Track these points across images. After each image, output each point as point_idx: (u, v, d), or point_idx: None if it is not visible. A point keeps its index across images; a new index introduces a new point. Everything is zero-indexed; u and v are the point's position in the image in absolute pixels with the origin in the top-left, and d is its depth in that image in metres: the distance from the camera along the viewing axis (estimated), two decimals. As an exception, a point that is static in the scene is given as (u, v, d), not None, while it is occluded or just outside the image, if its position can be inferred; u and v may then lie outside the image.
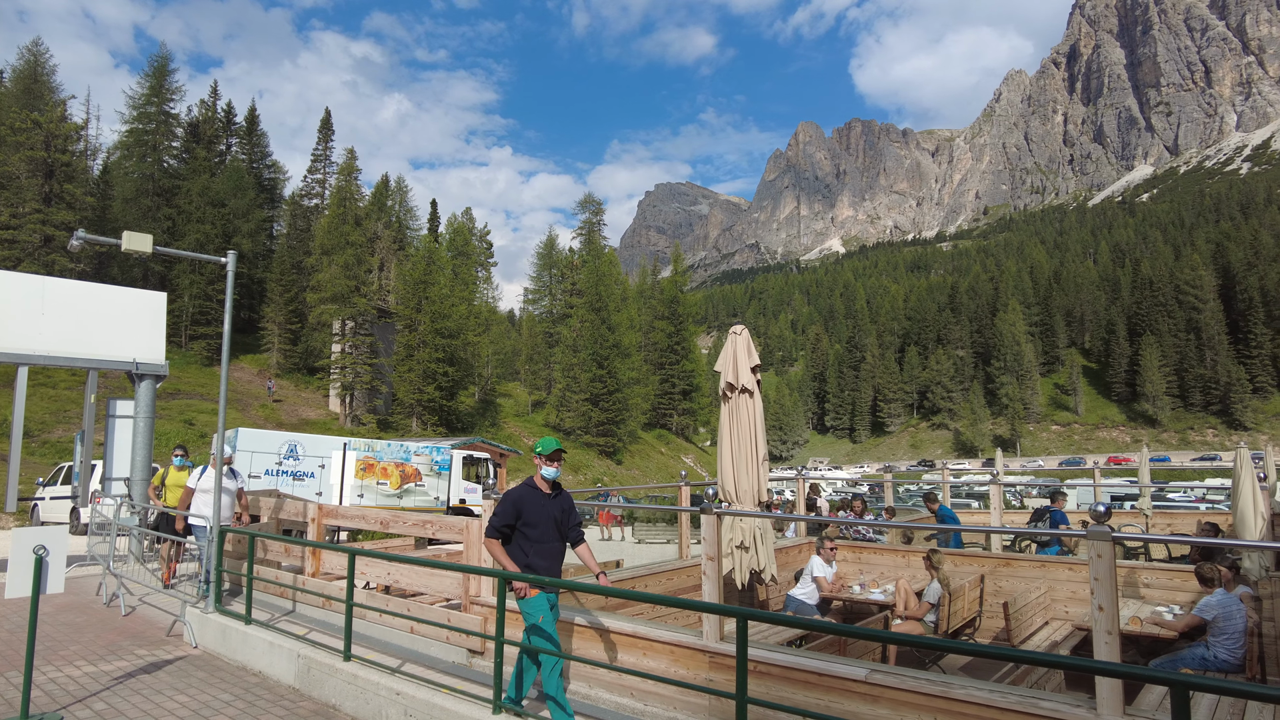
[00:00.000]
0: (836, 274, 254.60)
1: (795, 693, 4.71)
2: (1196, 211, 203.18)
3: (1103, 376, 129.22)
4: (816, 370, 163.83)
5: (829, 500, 22.24)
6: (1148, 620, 7.17)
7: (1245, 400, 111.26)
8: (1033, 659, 3.35)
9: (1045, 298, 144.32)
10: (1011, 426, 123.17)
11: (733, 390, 8.16)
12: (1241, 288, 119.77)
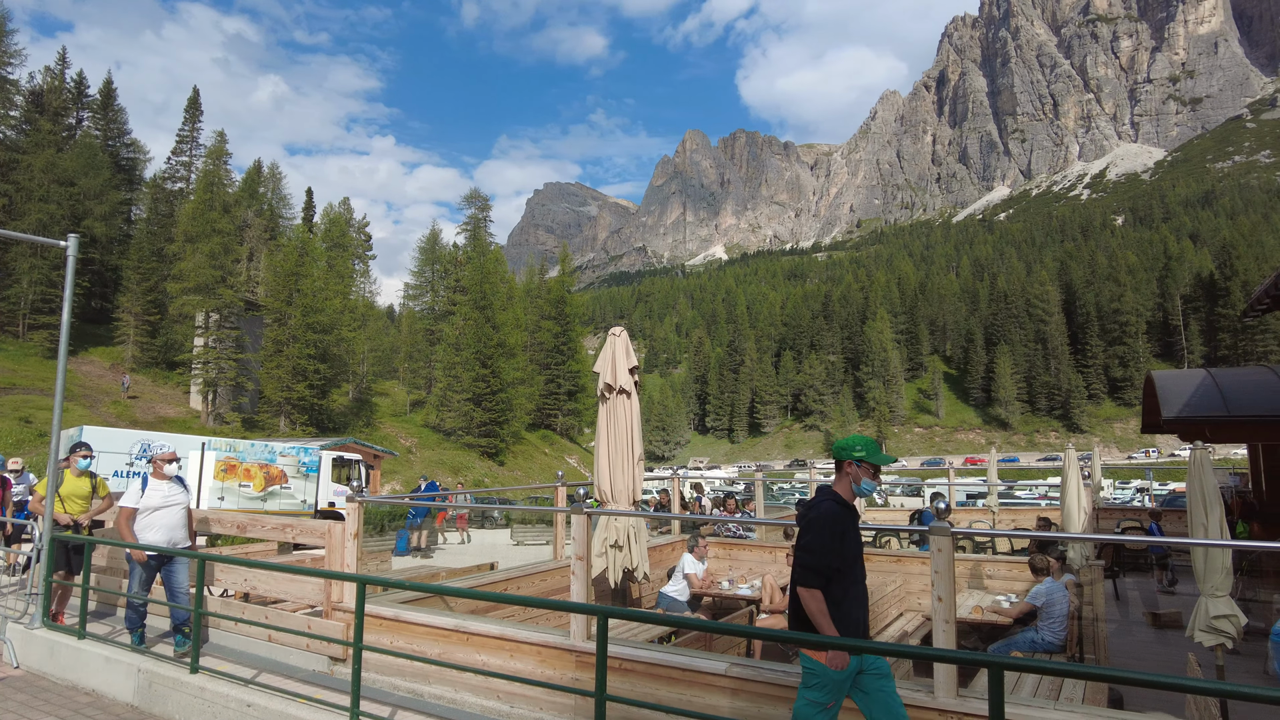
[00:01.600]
0: (719, 280, 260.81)
1: (660, 688, 4.81)
2: (1045, 231, 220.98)
3: (962, 382, 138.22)
4: (699, 372, 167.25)
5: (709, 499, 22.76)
6: (988, 609, 7.75)
7: (1082, 406, 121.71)
8: (873, 648, 3.56)
9: (911, 308, 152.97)
10: (878, 428, 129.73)
11: (611, 391, 8.25)
12: (1081, 303, 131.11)
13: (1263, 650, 7.62)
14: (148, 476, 7.17)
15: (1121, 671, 3.06)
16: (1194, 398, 7.65)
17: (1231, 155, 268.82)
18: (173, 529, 7.08)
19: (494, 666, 5.41)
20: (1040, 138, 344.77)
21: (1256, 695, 2.58)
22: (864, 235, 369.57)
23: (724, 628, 5.63)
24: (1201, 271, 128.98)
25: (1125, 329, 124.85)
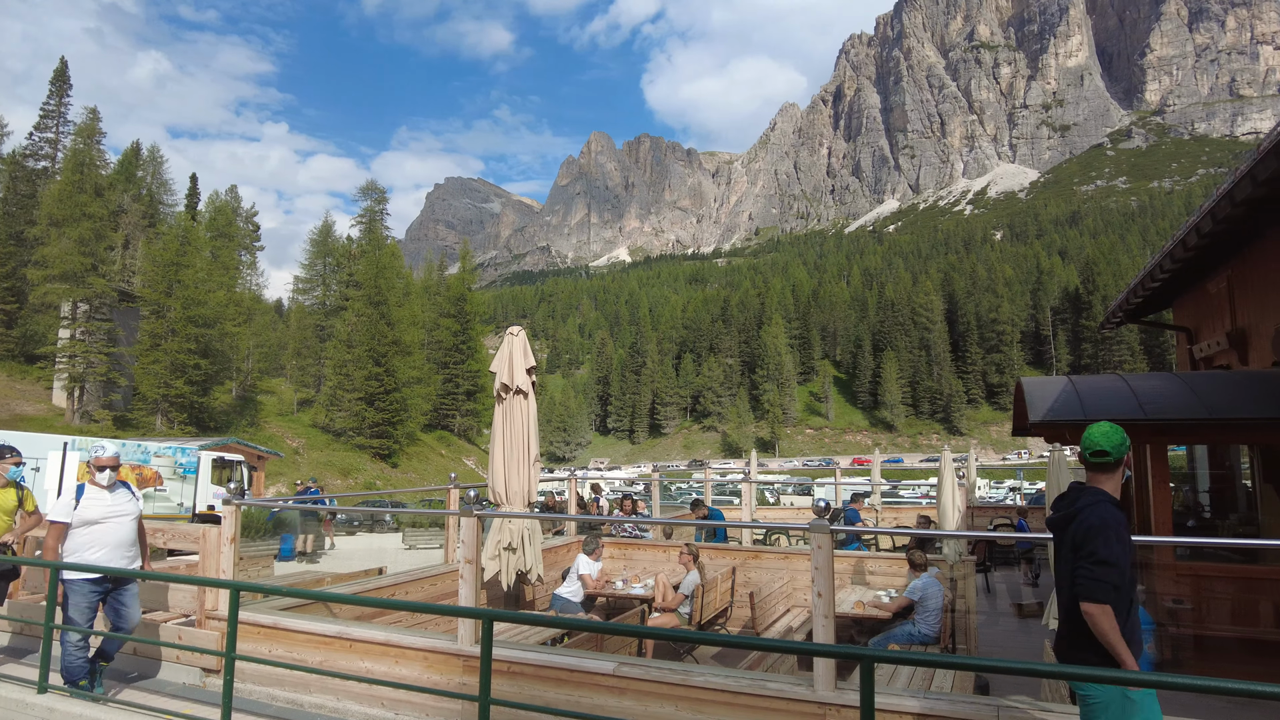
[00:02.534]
0: (623, 282, 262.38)
1: (548, 690, 4.80)
2: (931, 244, 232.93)
3: (851, 386, 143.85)
4: (601, 373, 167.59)
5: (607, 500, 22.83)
6: (870, 603, 8.09)
7: (962, 410, 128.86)
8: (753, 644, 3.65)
9: (805, 314, 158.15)
10: (772, 430, 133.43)
11: (508, 391, 8.17)
12: (962, 312, 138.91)
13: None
14: (84, 485, 5.97)
15: (978, 660, 3.27)
16: (1056, 403, 8.21)
17: (1094, 179, 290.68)
18: (120, 546, 5.86)
19: (379, 673, 5.27)
20: (928, 154, 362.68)
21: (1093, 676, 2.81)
22: (762, 243, 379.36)
23: (606, 627, 5.66)
24: (1069, 286, 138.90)
25: (1002, 338, 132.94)
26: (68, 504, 5.83)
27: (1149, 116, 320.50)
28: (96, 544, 5.78)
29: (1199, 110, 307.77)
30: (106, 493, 5.93)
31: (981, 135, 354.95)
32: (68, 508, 5.80)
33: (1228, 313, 12.15)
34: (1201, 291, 13.59)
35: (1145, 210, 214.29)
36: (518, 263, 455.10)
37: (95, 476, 5.90)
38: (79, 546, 5.77)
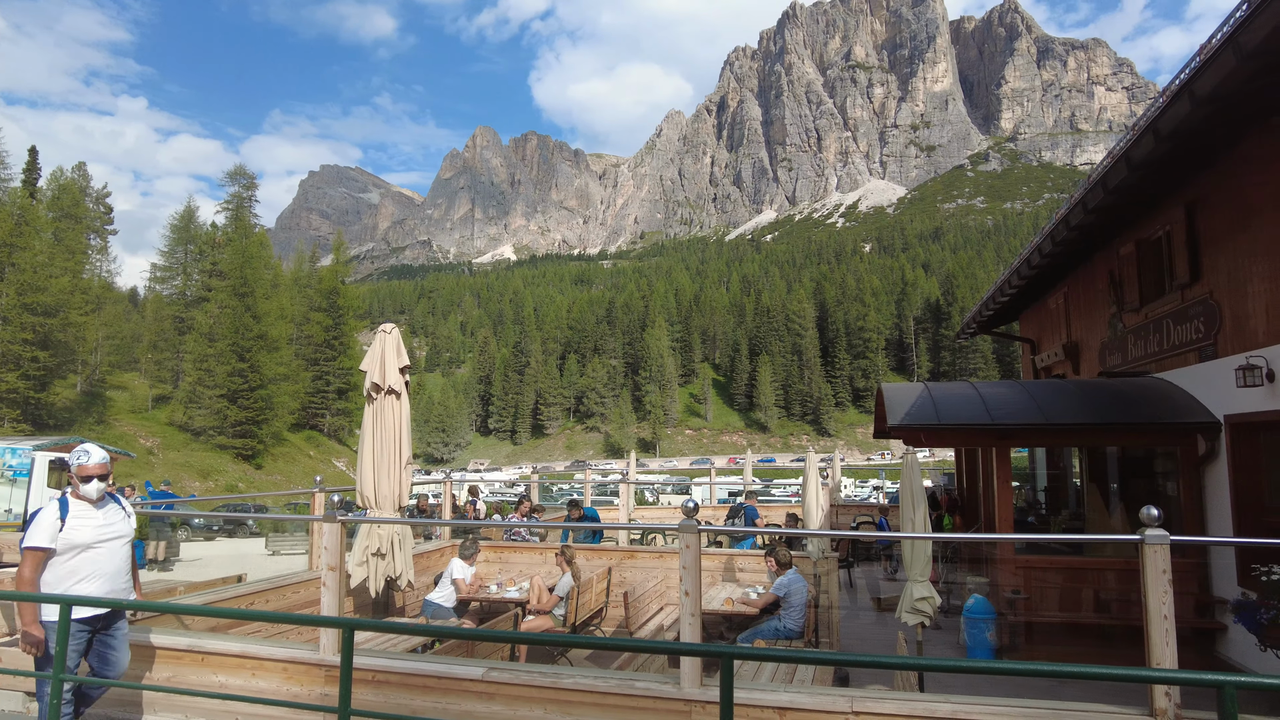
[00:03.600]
0: (507, 280, 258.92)
1: (415, 698, 4.69)
2: (805, 254, 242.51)
3: (728, 388, 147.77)
4: (483, 373, 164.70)
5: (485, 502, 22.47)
6: (739, 600, 8.33)
7: (830, 412, 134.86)
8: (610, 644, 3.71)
9: (687, 317, 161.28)
10: (653, 430, 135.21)
11: (379, 391, 7.91)
12: (832, 320, 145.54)
13: (959, 625, 8.87)
14: (66, 499, 4.70)
15: (830, 654, 3.45)
16: (913, 408, 8.72)
17: (956, 198, 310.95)
18: (117, 576, 4.77)
19: (233, 688, 4.99)
20: (805, 168, 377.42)
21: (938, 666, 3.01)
22: (647, 246, 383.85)
23: (470, 633, 5.59)
24: (930, 297, 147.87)
25: (868, 345, 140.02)
26: (50, 524, 4.55)
27: (1004, 142, 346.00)
28: (87, 574, 4.63)
29: (1045, 139, 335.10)
30: (96, 509, 4.73)
31: (855, 152, 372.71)
32: (50, 529, 4.53)
33: (1064, 326, 13.31)
34: (1043, 306, 14.82)
35: (999, 229, 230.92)
36: (396, 256, 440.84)
37: (81, 488, 4.68)
38: (62, 578, 4.56)
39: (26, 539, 4.54)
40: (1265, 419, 7.07)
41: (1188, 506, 8.20)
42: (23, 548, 4.53)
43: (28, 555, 4.51)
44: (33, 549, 4.51)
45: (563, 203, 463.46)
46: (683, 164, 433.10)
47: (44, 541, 4.51)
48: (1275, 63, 5.71)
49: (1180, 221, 8.68)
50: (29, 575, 4.49)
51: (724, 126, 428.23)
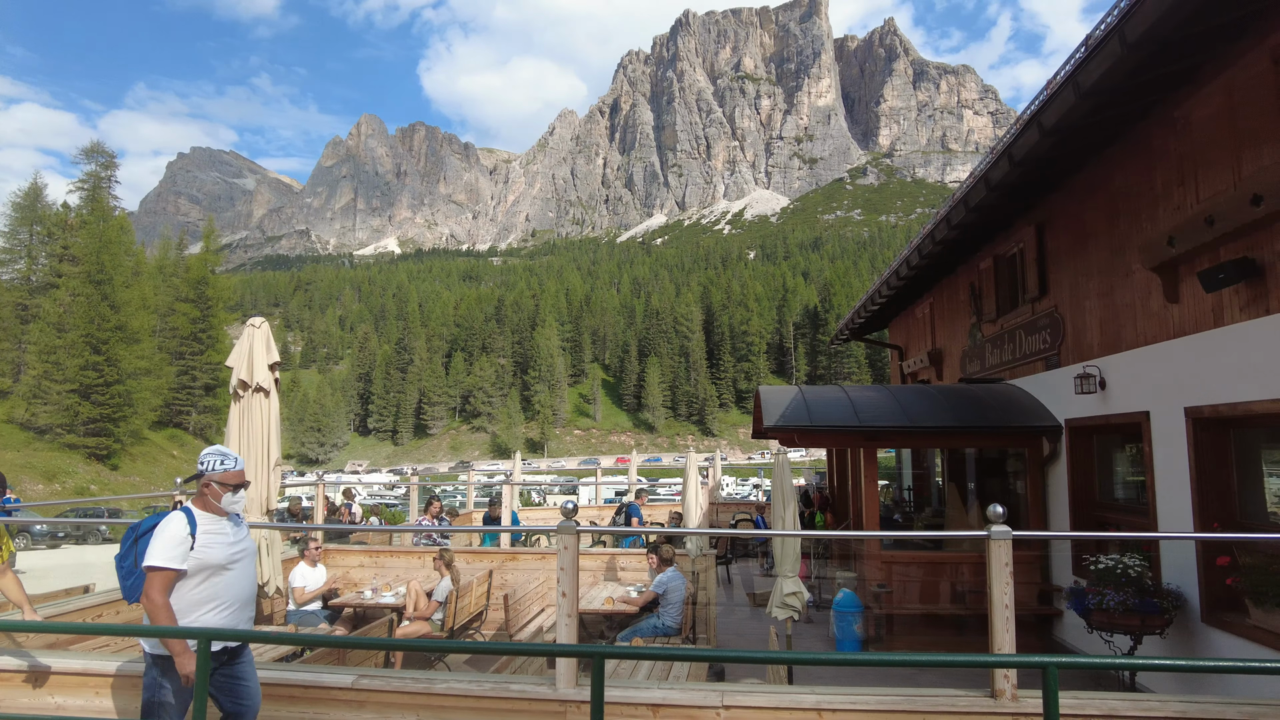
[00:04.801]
0: (391, 274, 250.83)
1: (281, 709, 4.50)
2: (693, 258, 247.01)
3: (617, 389, 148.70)
4: (363, 370, 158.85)
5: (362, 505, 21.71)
6: (619, 599, 8.41)
7: (715, 413, 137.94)
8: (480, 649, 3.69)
9: (577, 317, 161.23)
10: (542, 431, 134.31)
11: (246, 388, 7.53)
12: (718, 323, 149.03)
13: (829, 619, 9.28)
14: (191, 510, 3.98)
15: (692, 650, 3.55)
16: (788, 410, 9.05)
17: (835, 210, 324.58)
18: (249, 603, 4.17)
19: (73, 709, 4.63)
20: (694, 174, 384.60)
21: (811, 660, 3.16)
22: (538, 245, 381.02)
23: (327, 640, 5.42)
24: (809, 304, 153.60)
25: (751, 348, 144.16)
26: (181, 541, 3.82)
27: (881, 158, 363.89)
28: (220, 601, 3.96)
29: (919, 157, 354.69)
30: (229, 524, 4.08)
31: (742, 161, 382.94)
32: (181, 547, 3.81)
33: (929, 334, 14.14)
34: (911, 315, 15.70)
35: (875, 240, 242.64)
36: (272, 246, 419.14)
37: (223, 499, 4.05)
38: (191, 605, 3.88)
39: (152, 557, 3.77)
40: (1097, 423, 7.77)
41: (1033, 503, 8.90)
42: (146, 567, 3.76)
43: (156, 577, 3.74)
44: (161, 569, 3.75)
45: (451, 196, 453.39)
46: (575, 164, 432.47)
47: (176, 562, 3.77)
48: (1108, 100, 6.30)
49: (1031, 240, 9.41)
50: (163, 601, 3.74)
51: (617, 129, 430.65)
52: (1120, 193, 7.49)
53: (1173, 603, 6.26)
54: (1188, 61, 6.16)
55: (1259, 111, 5.68)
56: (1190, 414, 6.25)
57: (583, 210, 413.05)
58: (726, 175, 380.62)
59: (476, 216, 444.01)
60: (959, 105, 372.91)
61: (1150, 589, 6.35)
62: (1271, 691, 4.48)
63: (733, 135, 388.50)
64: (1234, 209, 5.64)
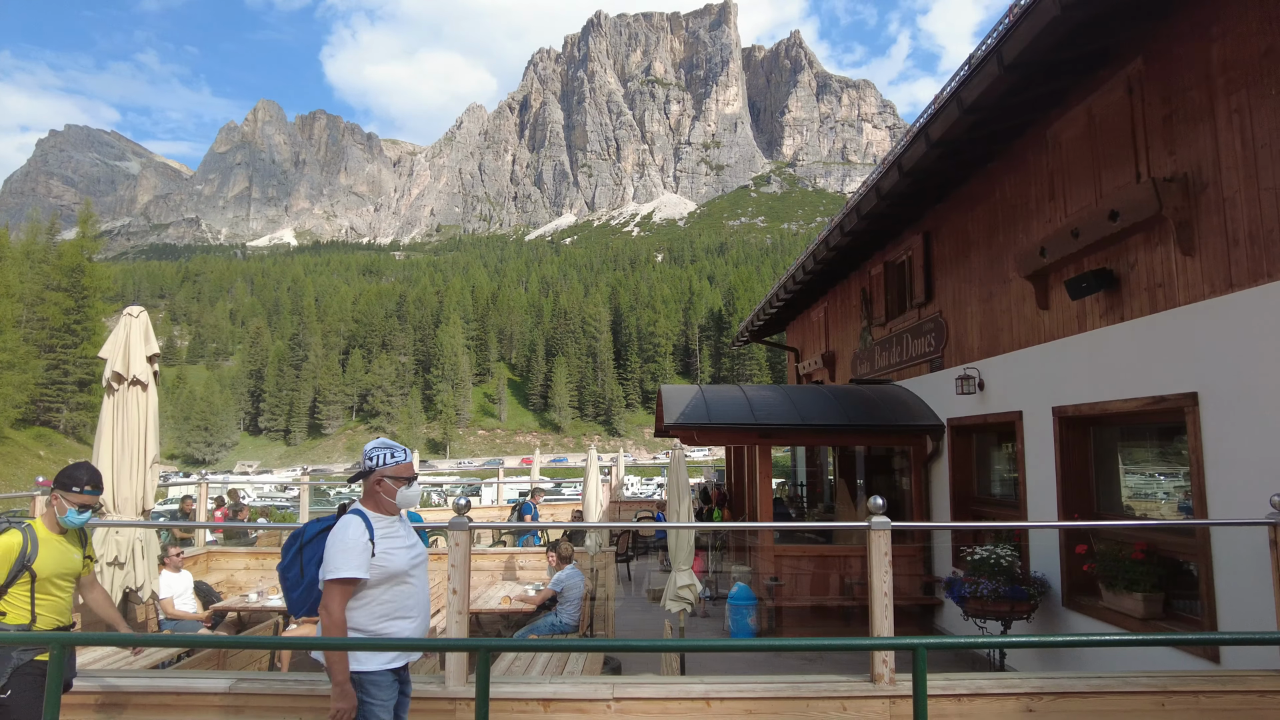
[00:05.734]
0: (286, 266, 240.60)
1: (154, 718, 4.28)
2: (602, 259, 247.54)
3: (524, 389, 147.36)
4: (255, 366, 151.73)
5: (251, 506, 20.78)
6: (516, 597, 8.36)
7: (621, 413, 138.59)
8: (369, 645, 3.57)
9: (483, 315, 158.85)
10: (444, 431, 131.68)
11: (121, 381, 7.09)
12: (625, 324, 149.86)
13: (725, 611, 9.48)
14: (364, 512, 3.54)
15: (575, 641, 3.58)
16: (688, 409, 9.21)
17: (740, 216, 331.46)
18: (427, 613, 3.73)
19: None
20: (604, 175, 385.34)
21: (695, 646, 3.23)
22: (443, 240, 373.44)
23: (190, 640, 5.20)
24: (714, 307, 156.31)
25: (657, 349, 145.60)
26: (363, 547, 3.38)
27: (784, 167, 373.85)
28: (406, 611, 3.57)
29: (820, 168, 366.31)
30: (402, 526, 3.68)
31: (651, 164, 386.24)
32: (364, 553, 3.38)
33: (824, 337, 14.62)
34: (807, 319, 16.21)
35: (777, 247, 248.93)
36: (158, 234, 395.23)
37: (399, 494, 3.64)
38: (377, 618, 3.47)
39: (335, 567, 3.34)
40: (976, 422, 8.24)
41: (917, 498, 9.35)
42: (330, 580, 3.34)
43: (338, 589, 3.34)
44: (345, 581, 3.34)
45: (352, 188, 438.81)
46: (484, 159, 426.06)
47: (361, 571, 3.36)
48: (988, 116, 6.69)
49: (919, 248, 9.89)
50: (342, 617, 3.35)
51: (526, 126, 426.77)
52: (999, 205, 7.96)
53: (1038, 589, 6.70)
54: (1057, 85, 6.62)
55: (1115, 135, 6.16)
56: (1057, 413, 6.70)
57: (490, 206, 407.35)
58: (636, 178, 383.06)
59: (379, 209, 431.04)
60: (859, 119, 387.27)
61: (1019, 577, 6.78)
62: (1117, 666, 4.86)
63: (642, 138, 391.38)
64: (1095, 223, 6.09)
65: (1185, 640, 5.01)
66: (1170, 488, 6.14)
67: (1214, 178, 5.19)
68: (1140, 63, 5.90)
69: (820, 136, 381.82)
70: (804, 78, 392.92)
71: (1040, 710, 4.20)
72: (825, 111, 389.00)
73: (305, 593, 3.58)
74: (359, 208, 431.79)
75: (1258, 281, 4.79)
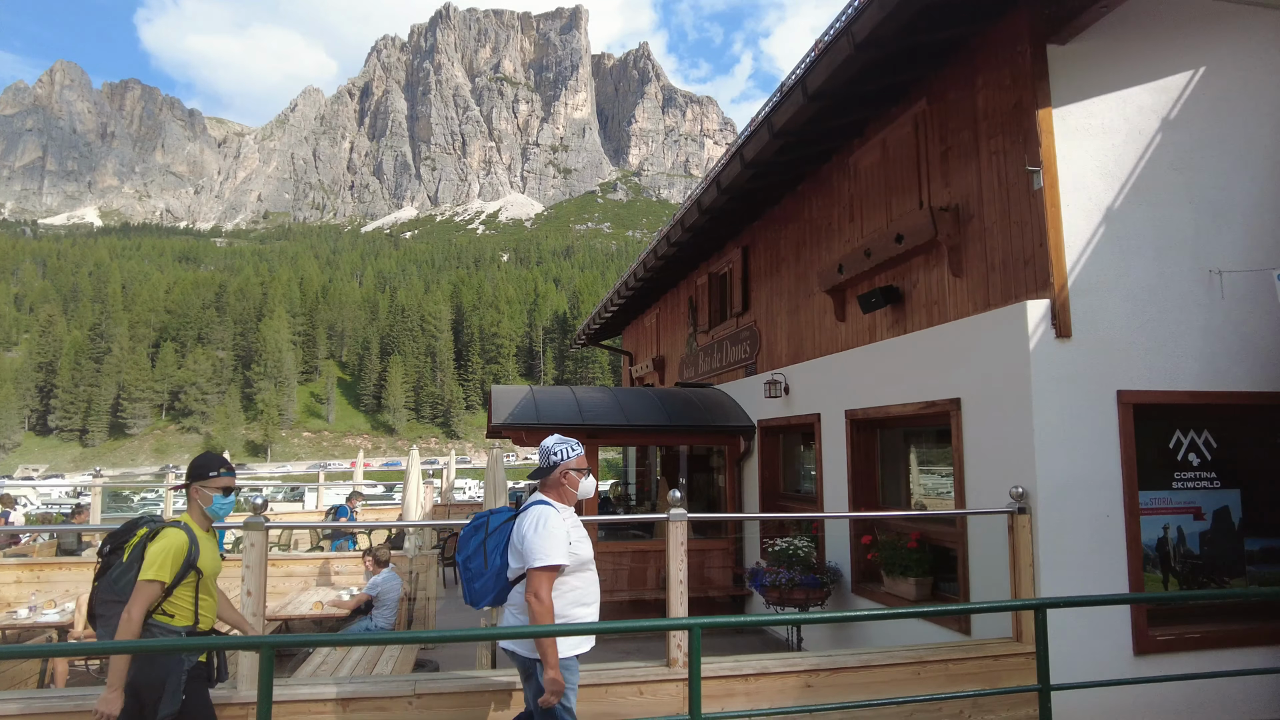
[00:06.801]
0: (88, 249, 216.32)
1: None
2: (445, 256, 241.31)
3: (355, 389, 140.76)
4: (46, 359, 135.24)
5: (27, 514, 18.72)
6: (329, 603, 8.06)
7: (461, 415, 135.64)
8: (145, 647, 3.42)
9: (312, 310, 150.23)
10: (266, 432, 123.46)
11: None
12: (468, 324, 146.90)
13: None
14: (550, 504, 3.65)
15: (353, 635, 3.59)
16: (518, 409, 9.27)
17: (586, 221, 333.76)
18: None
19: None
20: (449, 170, 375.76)
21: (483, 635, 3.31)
22: (271, 228, 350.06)
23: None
24: (559, 309, 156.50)
25: (500, 350, 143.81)
26: (563, 535, 3.54)
27: (631, 176, 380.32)
28: (589, 599, 3.73)
29: (664, 179, 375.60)
30: (575, 516, 3.80)
31: (498, 163, 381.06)
32: (564, 544, 3.53)
33: (655, 342, 15.12)
34: (640, 324, 16.69)
35: (621, 253, 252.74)
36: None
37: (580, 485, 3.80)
38: (569, 605, 3.62)
39: (541, 555, 3.46)
40: (782, 423, 8.85)
41: (730, 495, 9.90)
42: (538, 567, 3.46)
43: (545, 576, 3.47)
44: (553, 568, 3.50)
45: (170, 168, 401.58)
46: (319, 145, 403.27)
47: (565, 558, 3.54)
48: (797, 140, 7.25)
49: (739, 261, 10.48)
50: (549, 599, 3.46)
51: (367, 113, 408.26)
52: (807, 224, 8.61)
53: (832, 577, 7.30)
54: (857, 117, 7.27)
55: (904, 165, 6.86)
56: (849, 416, 7.34)
57: (325, 195, 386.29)
58: (482, 175, 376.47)
59: (199, 192, 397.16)
60: (702, 134, 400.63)
61: (815, 566, 7.35)
62: (890, 643, 5.44)
63: (490, 136, 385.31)
64: (884, 245, 6.75)
65: (901, 614, 5.66)
66: (945, 484, 6.90)
67: (978, 210, 5.91)
68: (925, 103, 6.61)
69: (665, 148, 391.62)
70: (651, 89, 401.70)
71: (817, 685, 4.62)
72: (670, 124, 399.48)
73: (489, 582, 3.75)
74: (177, 189, 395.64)
75: (1006, 302, 5.51)
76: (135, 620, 3.41)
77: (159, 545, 3.53)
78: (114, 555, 3.67)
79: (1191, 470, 5.58)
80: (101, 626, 3.63)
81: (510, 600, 3.74)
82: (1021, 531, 5.02)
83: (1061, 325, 5.17)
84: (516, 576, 3.65)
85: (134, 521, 3.77)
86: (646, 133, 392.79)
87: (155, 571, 3.48)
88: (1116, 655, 5.08)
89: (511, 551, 3.68)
